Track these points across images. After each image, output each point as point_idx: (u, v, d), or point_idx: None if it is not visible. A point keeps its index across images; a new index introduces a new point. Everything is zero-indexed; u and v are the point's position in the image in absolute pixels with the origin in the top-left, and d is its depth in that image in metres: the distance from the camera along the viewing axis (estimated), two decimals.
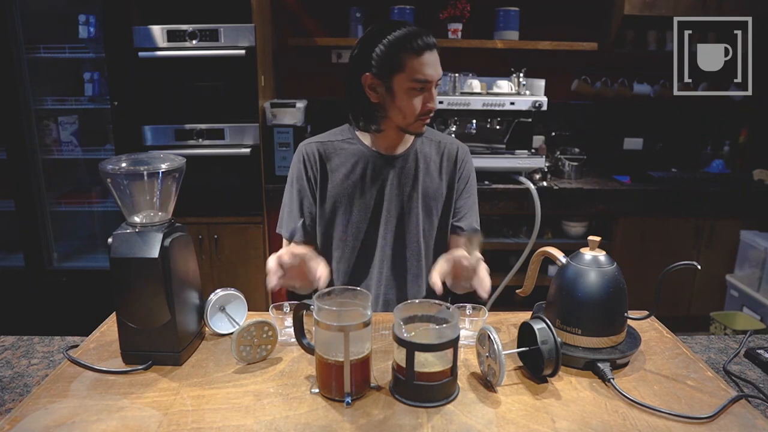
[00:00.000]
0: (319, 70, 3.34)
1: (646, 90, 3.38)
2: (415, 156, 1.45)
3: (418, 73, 1.31)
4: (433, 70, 1.32)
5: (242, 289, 1.18)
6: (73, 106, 2.82)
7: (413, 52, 1.30)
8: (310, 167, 1.44)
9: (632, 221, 3.11)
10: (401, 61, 1.30)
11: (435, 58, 1.32)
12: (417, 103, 1.34)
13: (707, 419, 0.86)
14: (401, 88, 1.33)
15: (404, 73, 1.31)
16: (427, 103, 1.35)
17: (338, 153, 1.44)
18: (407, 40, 1.30)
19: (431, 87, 1.34)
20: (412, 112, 1.35)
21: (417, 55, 1.30)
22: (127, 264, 0.96)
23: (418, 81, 1.31)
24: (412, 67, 1.30)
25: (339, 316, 0.89)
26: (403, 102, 1.34)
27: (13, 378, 1.06)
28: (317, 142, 1.46)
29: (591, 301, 1.01)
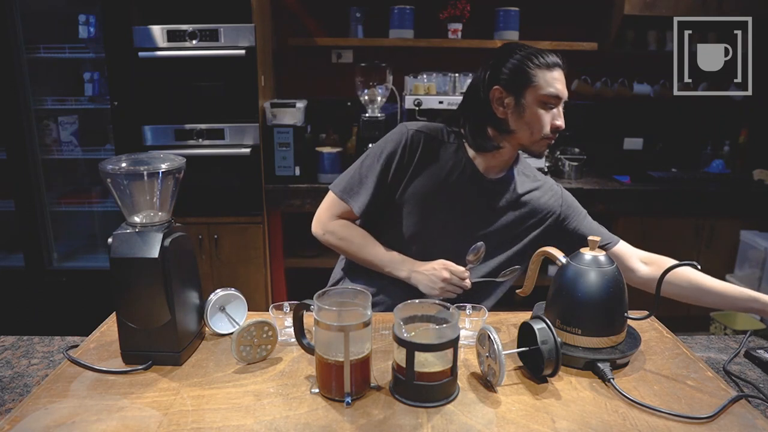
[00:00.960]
0: (319, 70, 3.34)
1: (646, 90, 3.38)
2: (512, 184, 1.43)
3: (550, 87, 1.32)
4: (562, 87, 1.35)
5: (242, 289, 1.18)
6: (73, 106, 2.83)
7: (546, 67, 1.33)
8: (409, 155, 1.37)
9: (632, 221, 3.11)
10: (534, 74, 1.32)
11: (564, 78, 1.35)
12: (546, 119, 1.34)
13: (707, 419, 0.86)
14: (532, 102, 1.33)
15: (536, 86, 1.32)
16: (555, 120, 1.35)
17: (438, 151, 1.39)
18: (541, 55, 1.34)
19: (559, 105, 1.35)
20: (539, 128, 1.34)
21: (549, 70, 1.33)
22: (127, 264, 0.96)
23: (549, 95, 1.32)
24: (545, 80, 1.32)
25: (339, 316, 0.89)
26: (532, 117, 1.34)
27: (13, 378, 1.06)
28: (425, 133, 1.39)
29: (591, 301, 1.01)
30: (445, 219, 1.39)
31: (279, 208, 2.92)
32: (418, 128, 1.39)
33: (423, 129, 1.39)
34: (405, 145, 1.36)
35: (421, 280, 1.33)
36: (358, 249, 1.41)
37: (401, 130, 1.38)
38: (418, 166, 1.37)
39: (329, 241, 1.44)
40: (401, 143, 1.37)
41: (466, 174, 1.38)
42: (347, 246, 1.42)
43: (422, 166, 1.37)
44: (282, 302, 1.13)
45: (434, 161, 1.38)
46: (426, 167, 1.37)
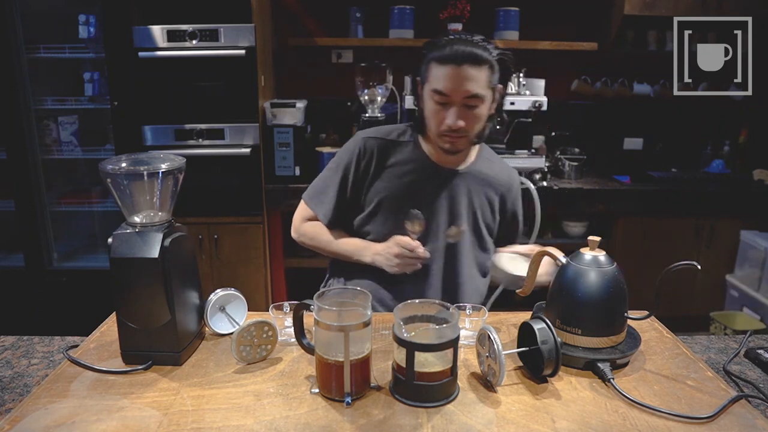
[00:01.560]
0: (319, 70, 3.34)
1: (646, 90, 3.38)
2: (474, 176, 1.42)
3: (436, 83, 1.25)
4: (453, 84, 1.24)
5: (242, 289, 1.18)
6: (73, 106, 2.82)
7: (436, 61, 1.25)
8: (365, 164, 1.41)
9: (632, 221, 3.11)
10: (427, 68, 1.28)
11: (463, 74, 1.23)
12: (438, 117, 1.28)
13: (707, 419, 0.86)
14: (426, 96, 1.30)
15: (428, 80, 1.28)
16: (446, 119, 1.27)
17: (395, 153, 1.41)
18: (436, 46, 1.26)
19: (453, 102, 1.26)
20: (433, 126, 1.31)
21: (439, 64, 1.25)
22: (127, 264, 0.96)
23: (436, 92, 1.26)
24: (434, 76, 1.26)
25: (339, 316, 0.89)
26: (427, 112, 1.31)
27: (13, 378, 1.06)
28: (377, 138, 1.42)
29: (591, 301, 1.01)
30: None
31: (279, 208, 2.92)
32: (371, 135, 1.43)
33: (375, 134, 1.43)
34: (359, 154, 1.41)
35: (380, 261, 1.36)
36: (327, 245, 1.46)
37: (355, 140, 1.43)
38: (376, 171, 1.41)
39: (303, 242, 1.51)
40: (355, 153, 1.41)
41: (424, 169, 1.40)
42: (318, 244, 1.48)
43: (381, 170, 1.41)
44: (282, 302, 1.13)
45: (393, 163, 1.41)
46: (385, 170, 1.41)
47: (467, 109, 1.27)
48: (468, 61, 1.23)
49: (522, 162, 2.93)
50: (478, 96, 1.26)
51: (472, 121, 1.29)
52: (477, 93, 1.25)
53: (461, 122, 1.27)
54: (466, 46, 1.23)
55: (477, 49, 1.23)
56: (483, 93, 1.27)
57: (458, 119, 1.27)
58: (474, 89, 1.25)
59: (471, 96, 1.25)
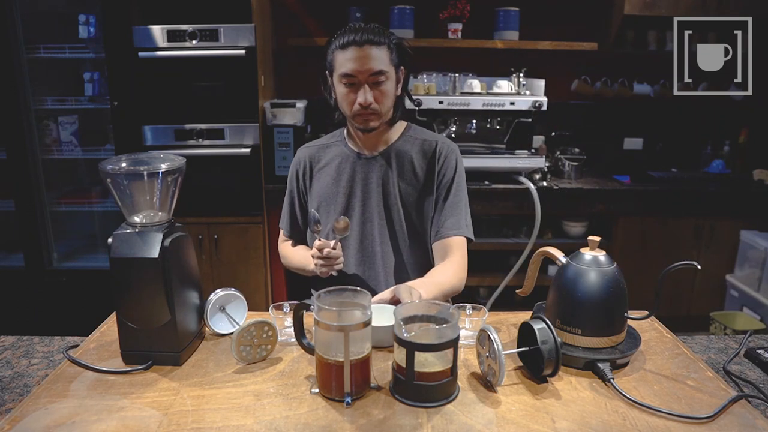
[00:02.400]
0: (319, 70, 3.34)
1: (646, 90, 3.38)
2: (395, 155, 1.48)
3: (342, 67, 1.35)
4: (357, 65, 1.34)
5: (242, 289, 1.18)
6: (73, 106, 2.82)
7: (339, 48, 1.35)
8: (302, 173, 1.53)
9: (632, 221, 3.11)
10: (332, 58, 1.38)
11: (366, 53, 1.33)
12: (349, 97, 1.38)
13: (707, 419, 0.86)
14: (337, 83, 1.39)
15: (335, 69, 1.38)
16: (359, 97, 1.37)
17: (325, 155, 1.52)
18: (337, 37, 1.37)
19: (361, 82, 1.36)
20: (346, 109, 1.40)
21: (342, 50, 1.35)
22: (127, 264, 0.96)
23: (343, 75, 1.35)
24: (339, 62, 1.36)
25: (339, 316, 0.89)
26: (339, 98, 1.41)
27: (13, 378, 1.06)
28: (309, 146, 1.55)
29: (591, 301, 1.01)
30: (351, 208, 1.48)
31: (279, 208, 2.92)
32: (305, 145, 1.57)
33: (309, 144, 1.57)
34: (296, 166, 1.55)
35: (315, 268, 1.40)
36: (290, 261, 1.57)
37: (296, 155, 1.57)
38: (315, 178, 1.53)
39: (285, 265, 1.61)
40: (294, 167, 1.56)
41: (351, 161, 1.49)
42: (288, 263, 1.59)
43: (317, 176, 1.53)
44: (282, 302, 1.13)
45: (322, 166, 1.52)
46: (320, 174, 1.53)
47: (375, 87, 1.37)
48: (368, 41, 1.34)
49: (522, 162, 2.94)
50: (382, 72, 1.36)
51: (381, 98, 1.38)
52: (381, 69, 1.35)
53: (370, 97, 1.37)
54: (364, 32, 1.35)
55: (374, 33, 1.35)
56: (387, 69, 1.37)
57: (367, 96, 1.37)
58: (378, 66, 1.35)
59: (376, 73, 1.35)
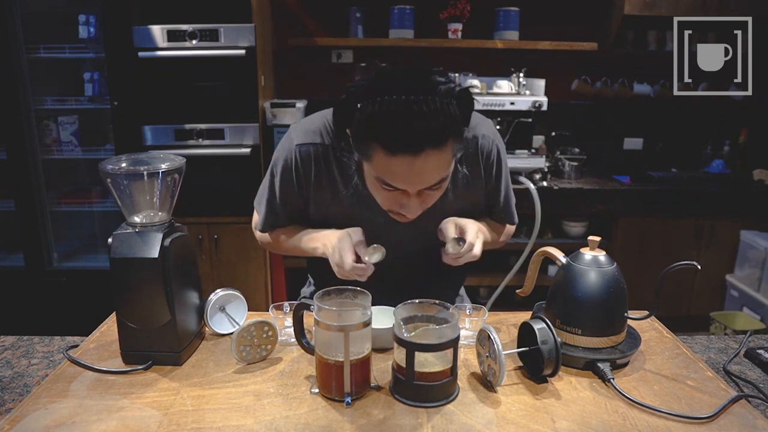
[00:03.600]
0: (319, 70, 3.34)
1: (646, 90, 3.38)
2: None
3: (383, 174, 0.97)
4: (410, 180, 0.96)
5: (242, 289, 1.18)
6: (73, 106, 2.82)
7: (385, 149, 0.92)
8: (312, 173, 1.19)
9: (632, 221, 3.11)
10: (371, 148, 0.94)
11: (423, 165, 0.93)
12: (387, 200, 1.04)
13: (707, 419, 0.86)
14: (368, 175, 1.02)
15: (371, 164, 0.98)
16: (400, 209, 1.03)
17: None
18: (384, 128, 0.91)
19: (409, 194, 1.00)
20: (379, 201, 1.07)
21: (389, 154, 0.92)
22: (127, 264, 0.96)
23: (382, 182, 0.99)
24: (381, 164, 0.95)
25: (339, 316, 0.89)
26: (370, 188, 1.06)
27: (13, 378, 1.06)
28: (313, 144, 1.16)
29: (591, 301, 1.01)
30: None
31: None
32: (307, 144, 1.19)
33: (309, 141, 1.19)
34: (305, 163, 1.19)
35: (328, 255, 1.11)
36: (288, 246, 1.28)
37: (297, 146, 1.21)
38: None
39: (274, 251, 1.37)
40: (300, 161, 1.20)
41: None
42: (284, 246, 1.30)
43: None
44: (282, 302, 1.13)
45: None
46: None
47: (427, 192, 1.01)
48: (429, 144, 0.91)
49: (522, 162, 2.94)
50: (441, 180, 1.00)
51: (433, 198, 1.05)
52: (440, 179, 0.99)
53: (418, 210, 1.03)
54: (422, 120, 0.89)
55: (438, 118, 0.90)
56: (447, 173, 1.00)
57: (417, 208, 1.03)
58: (436, 179, 0.98)
59: (432, 185, 1.00)
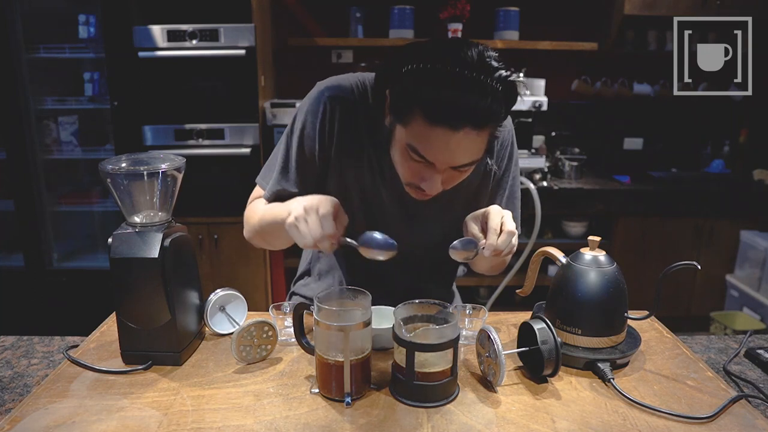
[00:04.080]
0: (319, 70, 3.34)
1: (646, 90, 3.38)
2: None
3: (416, 142, 0.92)
4: (442, 155, 0.92)
5: (242, 289, 1.18)
6: (73, 106, 2.83)
7: (426, 116, 0.89)
8: (334, 133, 1.12)
9: (632, 221, 3.11)
10: (412, 112, 0.90)
11: (459, 143, 0.90)
12: (411, 172, 0.98)
13: (707, 419, 0.86)
14: (399, 141, 0.96)
15: (406, 129, 0.93)
16: (420, 182, 0.98)
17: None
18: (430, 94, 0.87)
19: (436, 170, 0.95)
20: (401, 173, 1.01)
21: (429, 123, 0.89)
22: (127, 264, 0.96)
23: (413, 150, 0.94)
24: (418, 131, 0.91)
25: (339, 316, 0.89)
26: (396, 156, 1.00)
27: (13, 378, 1.06)
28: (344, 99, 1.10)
29: (591, 301, 1.01)
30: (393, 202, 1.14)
31: None
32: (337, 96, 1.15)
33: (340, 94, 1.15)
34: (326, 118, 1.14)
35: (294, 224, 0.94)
36: (263, 219, 1.14)
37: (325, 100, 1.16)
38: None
39: (250, 224, 1.23)
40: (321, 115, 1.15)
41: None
42: (259, 220, 1.15)
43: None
44: (282, 302, 1.13)
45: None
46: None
47: (452, 172, 0.97)
48: (470, 123, 0.88)
49: (522, 162, 2.93)
50: (471, 164, 0.96)
51: (455, 181, 1.01)
52: (471, 161, 0.95)
53: (440, 187, 0.98)
54: (472, 97, 0.86)
55: (486, 99, 0.87)
56: (478, 158, 0.96)
57: (439, 186, 0.98)
58: (466, 160, 0.94)
59: (461, 165, 0.96)
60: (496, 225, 0.97)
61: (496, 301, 2.92)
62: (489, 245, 0.96)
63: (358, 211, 1.16)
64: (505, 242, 0.96)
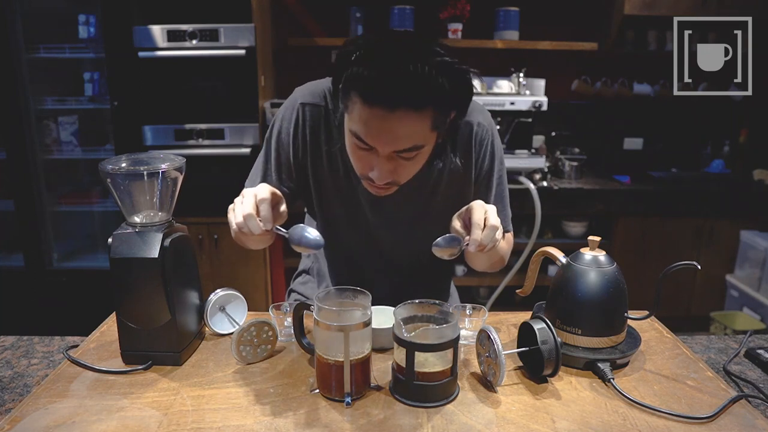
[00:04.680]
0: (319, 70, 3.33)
1: (646, 90, 3.38)
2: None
3: (355, 125, 0.93)
4: (379, 137, 0.92)
5: (242, 289, 1.18)
6: (73, 106, 2.83)
7: (362, 98, 0.89)
8: (309, 139, 1.16)
9: (632, 221, 3.11)
10: (351, 98, 0.92)
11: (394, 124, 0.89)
12: (360, 162, 0.99)
13: (707, 419, 0.86)
14: (347, 132, 0.98)
15: (349, 116, 0.95)
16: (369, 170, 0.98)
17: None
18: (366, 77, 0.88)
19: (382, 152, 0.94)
20: (354, 165, 1.03)
21: (367, 105, 0.89)
22: (127, 264, 0.96)
23: (354, 134, 0.94)
24: (355, 113, 0.92)
25: (339, 316, 0.89)
26: (348, 149, 1.01)
27: (13, 378, 1.06)
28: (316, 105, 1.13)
29: (591, 301, 1.01)
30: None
31: None
32: (309, 102, 1.19)
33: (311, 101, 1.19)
34: (302, 124, 1.18)
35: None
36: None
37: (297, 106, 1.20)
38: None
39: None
40: (299, 121, 1.18)
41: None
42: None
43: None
44: (282, 302, 1.13)
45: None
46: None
47: (399, 159, 0.97)
48: (405, 104, 0.88)
49: (522, 162, 2.94)
50: (414, 148, 0.95)
51: (406, 171, 1.00)
52: (413, 145, 0.94)
53: (387, 175, 0.98)
54: (404, 80, 0.86)
55: (421, 81, 0.87)
56: (421, 142, 0.95)
57: (386, 174, 0.97)
58: (407, 144, 0.93)
59: (404, 150, 0.95)
60: (479, 219, 0.96)
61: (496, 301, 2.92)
62: (473, 240, 0.95)
63: (340, 218, 1.18)
64: (488, 237, 0.95)
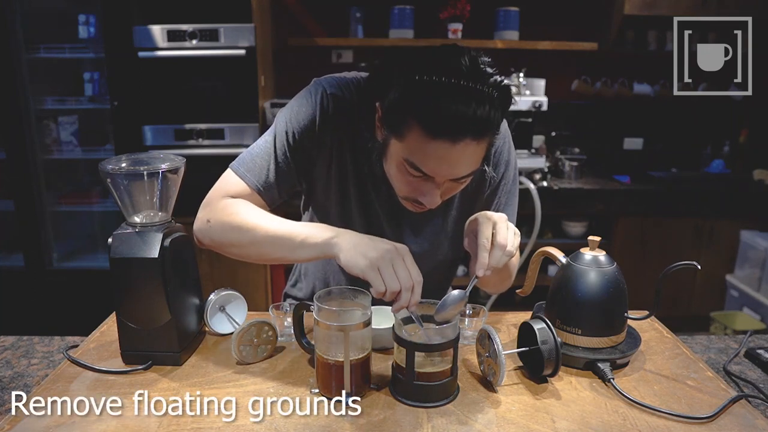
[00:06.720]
0: (319, 70, 3.33)
1: (646, 90, 3.38)
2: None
3: (415, 157, 0.89)
4: (442, 169, 0.90)
5: (242, 289, 1.18)
6: (73, 106, 2.83)
7: (425, 129, 0.86)
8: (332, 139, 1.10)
9: (632, 221, 3.11)
10: (408, 126, 0.87)
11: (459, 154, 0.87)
12: (408, 187, 0.96)
13: (707, 419, 0.86)
14: (395, 155, 0.93)
15: (402, 143, 0.90)
16: (419, 196, 0.95)
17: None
18: (428, 106, 0.84)
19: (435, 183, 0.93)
20: (397, 187, 0.99)
21: (428, 136, 0.86)
22: (127, 264, 0.96)
23: (411, 165, 0.91)
24: (416, 145, 0.88)
25: (339, 316, 0.89)
26: (392, 171, 0.97)
27: (13, 378, 1.06)
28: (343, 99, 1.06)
29: (591, 301, 1.01)
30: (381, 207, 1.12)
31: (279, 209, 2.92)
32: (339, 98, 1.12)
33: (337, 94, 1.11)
34: (325, 117, 1.11)
35: (361, 249, 0.90)
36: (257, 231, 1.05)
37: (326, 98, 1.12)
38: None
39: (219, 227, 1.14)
40: (321, 115, 1.10)
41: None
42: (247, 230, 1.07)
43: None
44: (282, 302, 1.13)
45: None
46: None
47: (452, 184, 0.95)
48: (470, 133, 0.86)
49: (522, 162, 2.94)
50: (470, 174, 0.94)
51: (453, 193, 1.00)
52: (470, 173, 0.93)
53: (438, 200, 0.96)
54: (469, 107, 0.83)
55: (484, 107, 0.84)
56: (477, 168, 0.94)
57: (435, 199, 0.95)
58: (466, 171, 0.92)
59: (462, 177, 0.93)
60: (485, 240, 0.92)
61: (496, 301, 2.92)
62: (479, 264, 0.91)
63: (357, 217, 1.15)
64: (496, 259, 0.91)
